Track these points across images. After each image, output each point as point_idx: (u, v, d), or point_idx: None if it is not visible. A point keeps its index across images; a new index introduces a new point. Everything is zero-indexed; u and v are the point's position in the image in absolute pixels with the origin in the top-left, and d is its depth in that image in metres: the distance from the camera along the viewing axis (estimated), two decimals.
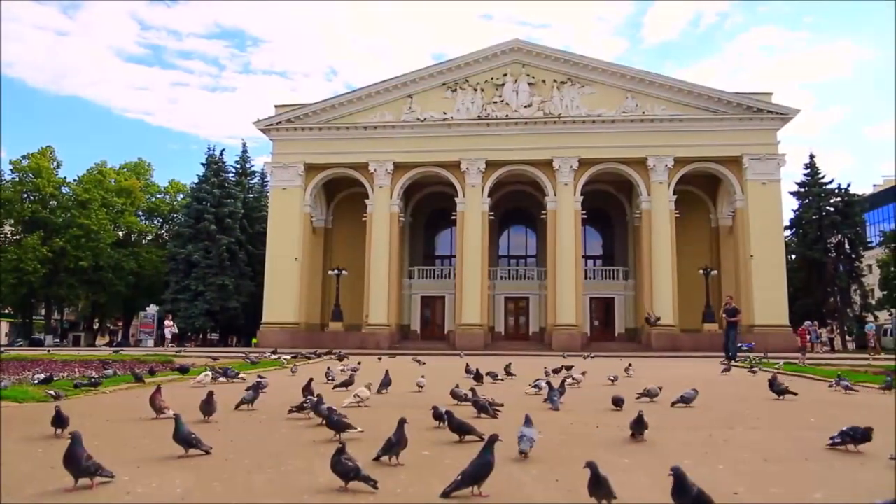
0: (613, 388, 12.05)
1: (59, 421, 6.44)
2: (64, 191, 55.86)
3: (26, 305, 57.28)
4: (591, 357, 24.04)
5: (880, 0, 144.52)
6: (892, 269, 49.25)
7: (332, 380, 12.76)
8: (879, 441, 6.52)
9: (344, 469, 4.38)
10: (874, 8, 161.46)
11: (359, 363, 16.77)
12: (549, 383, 9.94)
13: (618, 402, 8.65)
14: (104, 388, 11.06)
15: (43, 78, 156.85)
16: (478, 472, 4.26)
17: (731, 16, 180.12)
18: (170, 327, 38.79)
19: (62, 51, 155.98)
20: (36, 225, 52.35)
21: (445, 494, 4.23)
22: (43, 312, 61.71)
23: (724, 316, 24.31)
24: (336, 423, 6.16)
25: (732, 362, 22.60)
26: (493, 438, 4.46)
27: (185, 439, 5.39)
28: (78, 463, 4.41)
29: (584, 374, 13.30)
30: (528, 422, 5.91)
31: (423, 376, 12.29)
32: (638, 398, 9.53)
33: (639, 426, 6.19)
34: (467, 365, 15.24)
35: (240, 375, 13.67)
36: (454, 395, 9.01)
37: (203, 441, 5.47)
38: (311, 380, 9.89)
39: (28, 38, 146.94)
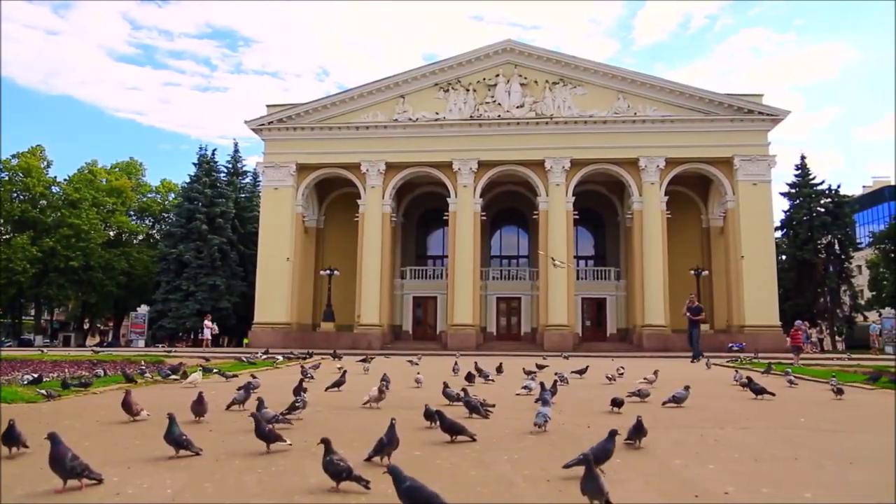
0: (607, 388, 12.10)
1: (11, 438, 5.47)
2: (54, 190, 55.56)
3: (15, 305, 56.93)
4: (568, 357, 24.03)
5: (868, 1, 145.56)
6: (882, 269, 49.65)
7: (312, 378, 12.90)
8: (867, 439, 6.56)
9: (336, 469, 4.37)
10: (862, 10, 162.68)
11: (371, 358, 17.20)
12: (541, 383, 9.95)
13: (617, 404, 8.49)
14: (94, 389, 11.00)
15: (34, 77, 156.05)
16: (598, 454, 4.73)
17: (721, 18, 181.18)
18: (210, 328, 36.83)
19: (53, 50, 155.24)
20: (25, 224, 52.04)
21: (567, 466, 4.74)
22: (32, 312, 61.38)
23: (688, 315, 24.36)
24: (266, 435, 5.72)
25: (695, 361, 22.67)
26: (614, 431, 4.94)
27: (176, 440, 5.36)
28: (63, 463, 4.37)
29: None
30: (545, 402, 6.83)
31: (419, 373, 12.68)
32: (628, 397, 9.56)
33: (637, 433, 6.05)
34: (455, 363, 15.19)
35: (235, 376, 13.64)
36: (446, 395, 9.01)
37: (194, 442, 5.45)
38: (301, 380, 9.87)
39: (19, 38, 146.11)
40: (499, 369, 15.10)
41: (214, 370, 14.35)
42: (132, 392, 7.96)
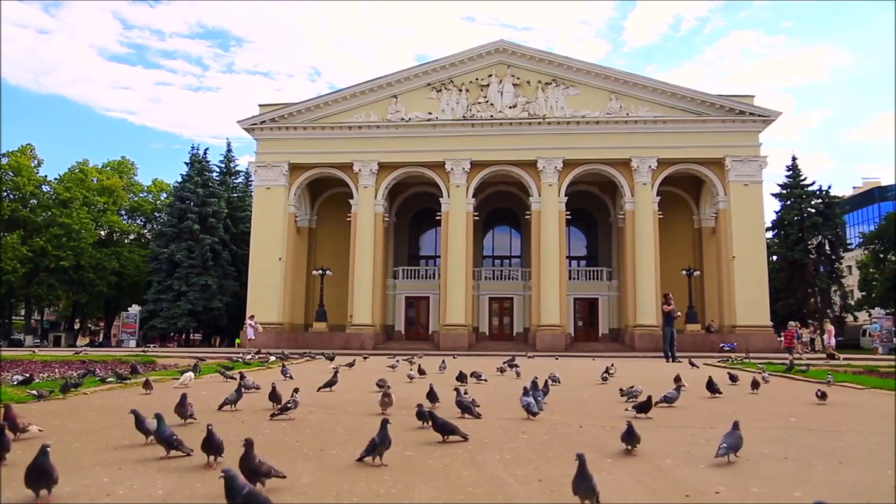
0: (600, 387, 12.13)
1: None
2: (45, 189, 55.29)
3: (5, 305, 56.59)
4: (532, 357, 24.06)
5: (855, 1, 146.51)
6: (871, 270, 49.96)
7: (291, 377, 13.06)
8: (857, 439, 6.60)
9: (251, 468, 4.30)
10: (850, 13, 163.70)
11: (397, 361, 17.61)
12: (534, 383, 9.95)
13: (644, 409, 7.91)
14: (85, 389, 10.93)
15: (25, 76, 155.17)
16: (735, 444, 5.35)
17: (711, 20, 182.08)
18: (254, 327, 35.70)
19: (44, 49, 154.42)
20: (16, 224, 51.75)
21: (719, 455, 5.25)
22: (23, 312, 61.02)
23: (678, 315, 24.32)
24: (170, 442, 5.27)
25: (671, 361, 22.72)
26: (737, 422, 5.35)
27: (167, 440, 5.31)
28: (50, 475, 4.09)
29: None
30: (526, 392, 7.26)
31: (412, 369, 13.38)
32: (620, 397, 9.57)
33: (630, 438, 5.73)
34: (419, 366, 14.82)
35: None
36: (429, 396, 8.72)
37: (185, 443, 5.41)
38: (273, 385, 9.55)
39: (9, 36, 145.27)
40: (501, 370, 15.01)
41: (196, 370, 14.29)
42: (13, 406, 7.04)
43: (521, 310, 45.86)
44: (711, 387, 10.51)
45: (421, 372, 13.96)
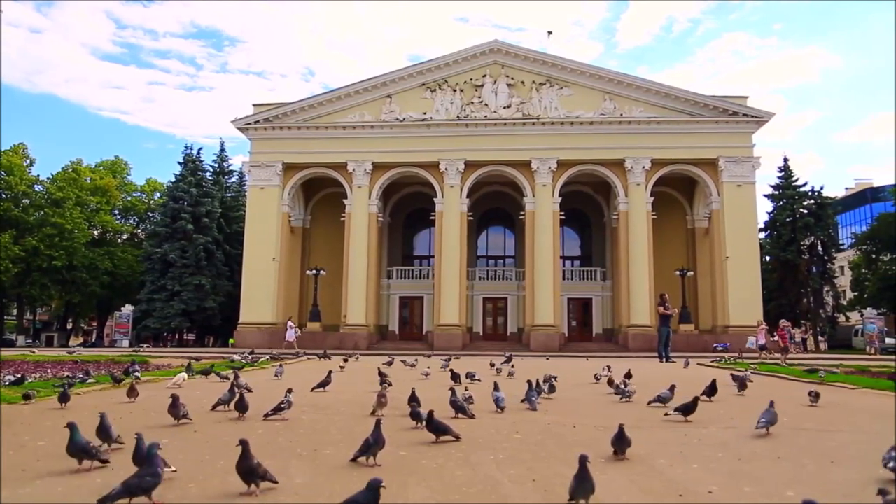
0: (594, 387, 12.16)
1: None
2: (37, 189, 55.00)
3: None
4: (510, 359, 23.69)
5: (846, 3, 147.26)
6: (863, 270, 50.18)
7: (278, 377, 13.36)
8: (846, 439, 6.63)
9: (248, 468, 4.30)
10: (841, 15, 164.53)
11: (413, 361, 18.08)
12: (529, 382, 9.96)
13: (688, 410, 7.88)
14: (77, 390, 10.88)
15: (16, 75, 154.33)
16: (772, 419, 6.37)
17: (703, 22, 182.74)
18: (293, 328, 35.13)
19: (36, 48, 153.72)
20: (8, 223, 51.42)
21: (759, 427, 6.10)
22: (15, 312, 60.70)
23: (673, 311, 24.39)
24: (79, 449, 4.96)
25: (666, 361, 22.81)
26: (772, 402, 6.20)
27: (83, 450, 5.02)
28: None
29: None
30: (496, 388, 7.93)
31: (428, 367, 14.29)
32: (615, 394, 9.59)
33: (620, 443, 5.48)
34: (381, 369, 14.70)
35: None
36: (412, 399, 8.54)
37: (102, 451, 5.23)
38: (240, 393, 9.44)
39: (2, 35, 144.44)
40: (498, 370, 14.96)
41: (191, 370, 14.21)
42: None
43: (515, 310, 45.85)
44: (712, 390, 10.51)
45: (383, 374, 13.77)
